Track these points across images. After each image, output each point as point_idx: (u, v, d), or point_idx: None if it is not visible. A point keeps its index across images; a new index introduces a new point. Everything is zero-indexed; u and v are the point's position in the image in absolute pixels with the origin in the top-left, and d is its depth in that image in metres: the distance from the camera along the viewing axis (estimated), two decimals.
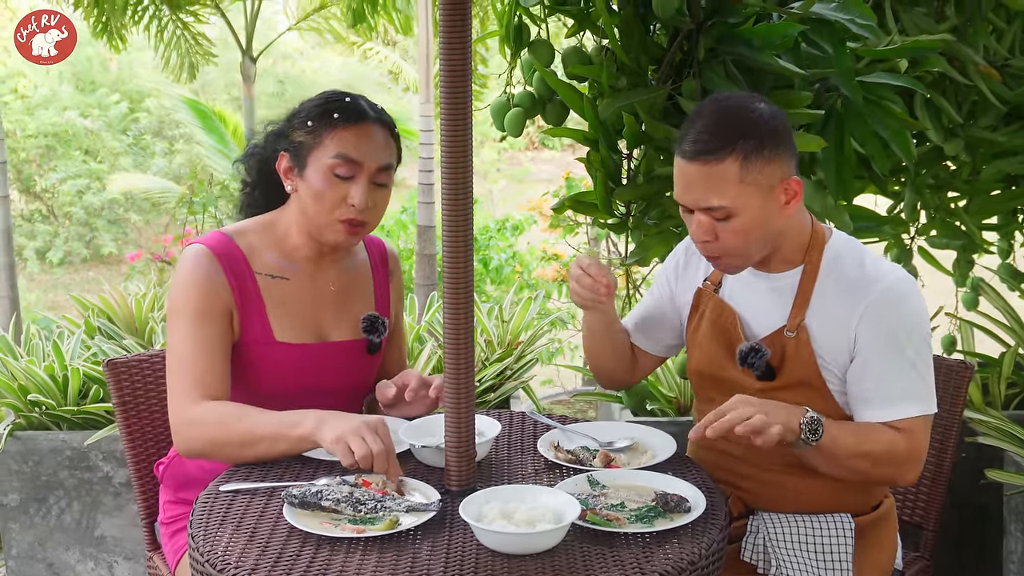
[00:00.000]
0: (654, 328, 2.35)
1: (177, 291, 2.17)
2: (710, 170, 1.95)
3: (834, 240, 2.10)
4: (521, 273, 8.21)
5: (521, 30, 2.88)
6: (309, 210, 2.19)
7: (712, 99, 2.06)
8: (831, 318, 2.03)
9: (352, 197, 2.16)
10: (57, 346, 3.52)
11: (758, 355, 2.04)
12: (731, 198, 1.95)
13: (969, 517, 3.33)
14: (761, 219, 1.98)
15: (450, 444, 1.94)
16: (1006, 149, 3.13)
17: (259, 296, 2.21)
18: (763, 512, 2.14)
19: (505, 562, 1.69)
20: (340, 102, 2.20)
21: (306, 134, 2.19)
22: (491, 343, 3.85)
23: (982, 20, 2.96)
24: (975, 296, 3.71)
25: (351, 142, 2.16)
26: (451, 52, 1.84)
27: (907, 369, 2.00)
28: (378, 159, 2.18)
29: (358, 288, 2.35)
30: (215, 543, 1.76)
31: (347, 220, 2.17)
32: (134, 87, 14.22)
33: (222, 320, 2.15)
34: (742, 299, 2.15)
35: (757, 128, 1.95)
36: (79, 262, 12.16)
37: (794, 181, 1.99)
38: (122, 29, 6.63)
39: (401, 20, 7.56)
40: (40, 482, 3.37)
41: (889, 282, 2.01)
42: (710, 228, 2.00)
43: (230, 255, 2.20)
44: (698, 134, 1.96)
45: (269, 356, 2.20)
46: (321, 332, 2.27)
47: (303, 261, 2.27)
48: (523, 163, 16.36)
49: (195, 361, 2.11)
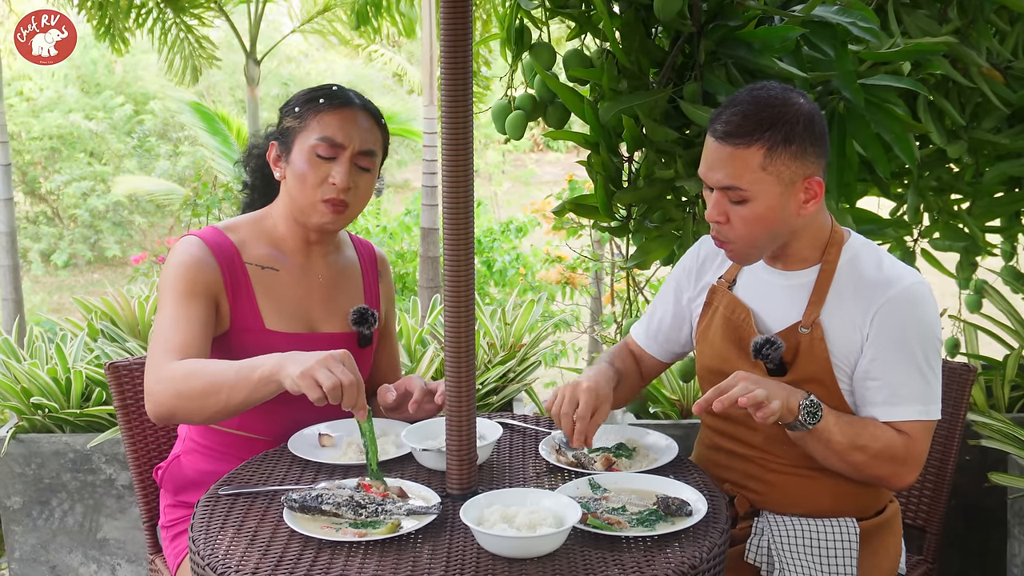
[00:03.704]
0: (668, 336, 2.35)
1: (166, 273, 2.20)
2: (735, 152, 1.97)
3: (852, 241, 2.11)
4: (525, 275, 8.21)
5: (522, 33, 2.88)
6: (294, 192, 2.24)
7: (753, 87, 2.07)
8: (846, 317, 2.04)
9: (333, 176, 2.20)
10: (60, 349, 3.53)
11: (773, 347, 2.04)
12: (749, 183, 1.97)
13: (972, 520, 3.32)
14: (776, 210, 1.99)
15: (451, 448, 1.94)
16: (1009, 151, 3.12)
17: (249, 285, 2.24)
18: (768, 514, 2.13)
19: (506, 566, 1.69)
20: (327, 90, 2.27)
21: (293, 119, 2.25)
22: (494, 346, 3.85)
23: (985, 22, 2.95)
24: (979, 298, 3.70)
25: (335, 125, 2.21)
26: (452, 54, 1.84)
27: (914, 372, 2.00)
28: (361, 142, 2.23)
29: (347, 282, 2.38)
30: (216, 547, 1.76)
31: (329, 200, 2.21)
32: (139, 90, 14.25)
33: (207, 302, 2.17)
34: (756, 296, 2.16)
35: (789, 121, 1.96)
36: (84, 264, 12.19)
37: (816, 182, 2.00)
38: (125, 32, 6.63)
39: (404, 23, 7.56)
40: (43, 485, 3.37)
41: (905, 284, 2.02)
42: (724, 209, 2.02)
43: (221, 245, 2.24)
44: (731, 116, 1.98)
45: (260, 344, 2.20)
46: (311, 323, 2.29)
47: (292, 252, 2.30)
48: (528, 165, 16.36)
49: (175, 332, 2.11)
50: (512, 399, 3.65)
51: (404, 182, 15.04)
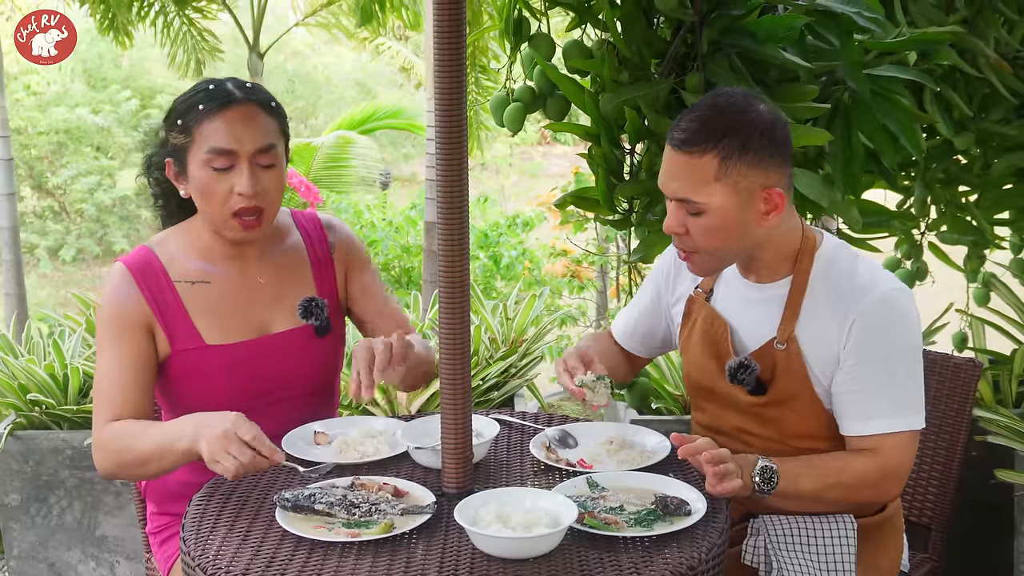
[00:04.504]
0: (646, 335, 2.33)
1: (98, 313, 2.17)
2: (689, 161, 1.92)
3: (825, 247, 2.04)
4: (531, 270, 8.18)
5: (521, 24, 2.84)
6: (203, 209, 2.13)
7: (715, 92, 2.02)
8: (822, 330, 1.98)
9: (236, 186, 2.08)
10: (57, 345, 3.51)
11: (747, 371, 2.00)
12: (704, 194, 1.92)
13: (979, 517, 3.28)
14: (733, 222, 1.94)
15: (446, 446, 1.91)
16: (1018, 143, 3.09)
17: (180, 305, 2.15)
18: (764, 514, 2.09)
19: (501, 566, 1.67)
20: (204, 91, 2.12)
21: (179, 134, 2.11)
22: (495, 341, 3.82)
23: (993, 12, 2.92)
24: (987, 292, 3.66)
25: (222, 131, 2.07)
26: (446, 47, 1.80)
27: (892, 383, 1.95)
28: (255, 142, 2.08)
29: (294, 273, 2.25)
30: (207, 547, 1.74)
31: (239, 211, 2.09)
32: (145, 84, 14.25)
33: (139, 336, 2.11)
34: (733, 309, 2.11)
35: (746, 130, 1.90)
36: (91, 259, 12.19)
37: (777, 193, 1.93)
38: (128, 25, 6.62)
39: (410, 16, 7.54)
40: (41, 482, 3.36)
41: (882, 292, 1.96)
42: (681, 220, 1.97)
43: (147, 269, 2.15)
44: (688, 123, 1.93)
45: (206, 362, 2.14)
46: (261, 327, 2.19)
47: (222, 260, 2.19)
48: (535, 158, 16.33)
49: (108, 382, 2.09)
50: (514, 395, 3.62)
51: (411, 176, 15.03)
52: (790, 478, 1.90)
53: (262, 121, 2.11)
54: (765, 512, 2.07)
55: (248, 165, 2.08)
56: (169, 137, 2.13)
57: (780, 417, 2.04)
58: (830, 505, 2.01)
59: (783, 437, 2.05)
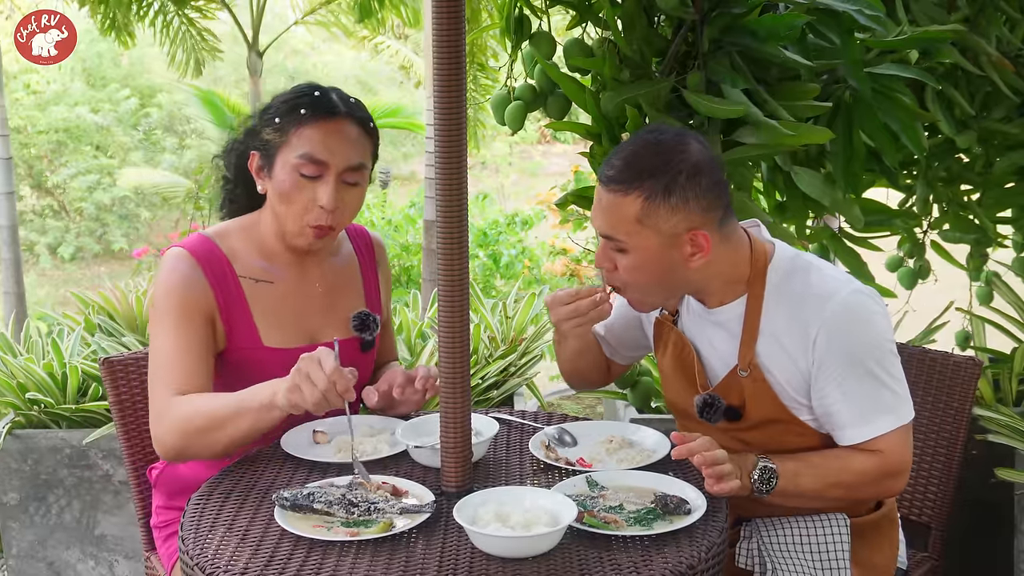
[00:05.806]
0: (621, 344, 2.31)
1: (157, 295, 2.10)
2: (614, 200, 1.90)
3: (776, 260, 1.99)
4: (531, 268, 8.18)
5: (522, 22, 2.83)
6: (279, 211, 2.12)
7: (648, 129, 1.99)
8: (784, 348, 1.95)
9: (320, 198, 2.07)
10: (56, 344, 3.50)
11: (713, 409, 1.97)
12: (625, 234, 1.90)
13: (979, 516, 3.27)
14: (657, 263, 1.92)
15: (446, 444, 1.90)
16: (1020, 141, 3.09)
17: (244, 301, 2.13)
18: (755, 519, 2.08)
19: (500, 565, 1.66)
20: (309, 96, 2.11)
21: (273, 131, 2.10)
22: (495, 339, 3.81)
23: (995, 10, 2.92)
24: (990, 290, 3.65)
25: (318, 140, 2.07)
26: (445, 45, 1.79)
27: (874, 385, 1.93)
28: (347, 158, 2.09)
29: (347, 285, 2.28)
30: (205, 545, 1.74)
31: (316, 226, 2.10)
32: (145, 82, 14.24)
33: (203, 323, 2.08)
34: (698, 334, 2.08)
35: (671, 172, 1.87)
36: (90, 258, 12.18)
37: (703, 235, 1.90)
38: (129, 25, 6.61)
39: (409, 13, 7.53)
40: (40, 481, 3.35)
41: (840, 298, 1.92)
42: (608, 257, 1.96)
43: (211, 258, 2.12)
44: (616, 160, 1.91)
45: (258, 362, 2.13)
46: (311, 334, 2.19)
47: (285, 264, 2.19)
48: (535, 157, 16.33)
49: (173, 365, 2.04)
50: (513, 393, 3.62)
51: (410, 174, 15.02)
52: (789, 477, 1.89)
53: (358, 139, 2.11)
54: (761, 513, 2.06)
55: (335, 179, 2.08)
56: (262, 131, 2.12)
57: (763, 439, 2.00)
58: (831, 503, 2.01)
59: (775, 450, 2.03)
